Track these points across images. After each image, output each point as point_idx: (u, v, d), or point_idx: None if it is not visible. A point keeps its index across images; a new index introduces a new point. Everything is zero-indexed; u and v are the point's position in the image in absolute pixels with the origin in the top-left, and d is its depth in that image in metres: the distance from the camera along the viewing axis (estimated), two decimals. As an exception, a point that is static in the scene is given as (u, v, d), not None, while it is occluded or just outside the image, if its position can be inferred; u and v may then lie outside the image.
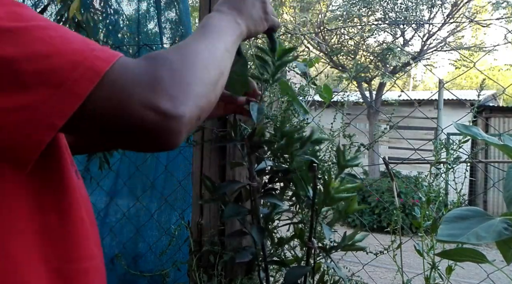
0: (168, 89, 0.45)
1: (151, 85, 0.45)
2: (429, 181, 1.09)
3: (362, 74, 9.09)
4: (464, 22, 8.87)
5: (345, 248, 0.99)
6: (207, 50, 0.55)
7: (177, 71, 0.48)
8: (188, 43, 0.56)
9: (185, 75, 0.49)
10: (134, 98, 0.44)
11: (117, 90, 0.44)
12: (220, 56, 0.57)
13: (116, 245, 1.70)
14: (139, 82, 0.45)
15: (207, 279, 1.16)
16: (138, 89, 0.44)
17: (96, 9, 1.77)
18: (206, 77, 0.52)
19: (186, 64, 0.50)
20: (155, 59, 0.48)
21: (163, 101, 0.44)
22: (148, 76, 0.45)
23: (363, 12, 9.11)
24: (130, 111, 0.44)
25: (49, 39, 0.43)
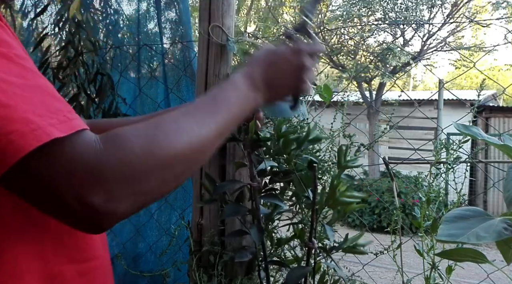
0: (107, 185, 0.42)
1: (91, 178, 0.42)
2: (429, 181, 1.09)
3: (362, 74, 9.09)
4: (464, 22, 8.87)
5: (345, 249, 0.99)
6: (188, 136, 0.49)
7: (130, 165, 0.44)
8: (170, 122, 0.49)
9: (138, 170, 0.44)
10: (68, 185, 0.42)
11: (58, 166, 0.42)
12: (201, 146, 0.51)
13: (116, 245, 1.70)
14: (80, 171, 0.42)
15: (207, 279, 1.16)
16: (75, 179, 0.42)
17: (96, 9, 1.77)
18: (166, 173, 0.47)
19: (145, 157, 0.45)
20: (114, 143, 0.44)
21: (95, 198, 0.42)
22: (93, 167, 0.42)
23: (363, 12, 9.10)
24: (61, 195, 0.42)
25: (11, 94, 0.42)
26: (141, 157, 0.45)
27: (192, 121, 0.52)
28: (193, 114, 0.53)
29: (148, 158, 0.45)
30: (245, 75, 0.64)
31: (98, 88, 1.66)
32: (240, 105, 0.60)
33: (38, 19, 1.81)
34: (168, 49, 1.65)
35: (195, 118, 0.52)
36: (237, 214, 1.01)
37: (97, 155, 0.43)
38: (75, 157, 0.42)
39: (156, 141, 0.46)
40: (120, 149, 0.44)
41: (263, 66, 0.66)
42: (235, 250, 1.15)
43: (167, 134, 0.48)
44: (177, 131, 0.49)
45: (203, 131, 0.52)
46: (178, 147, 0.48)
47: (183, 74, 1.56)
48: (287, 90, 0.71)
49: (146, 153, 0.45)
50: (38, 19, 1.81)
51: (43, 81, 0.46)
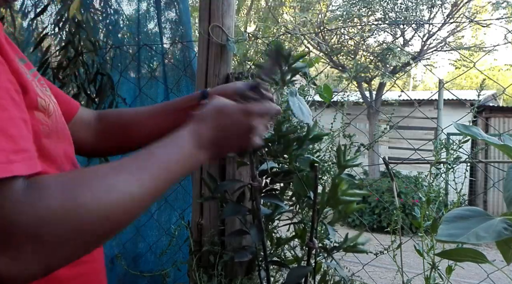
0: (16, 245, 0.38)
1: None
2: (429, 181, 1.09)
3: (362, 74, 9.09)
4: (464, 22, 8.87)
5: (346, 249, 0.99)
6: (118, 195, 0.45)
7: (46, 224, 0.39)
8: (101, 178, 0.46)
9: (54, 231, 0.40)
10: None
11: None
12: (131, 206, 0.47)
13: (116, 245, 1.70)
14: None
15: (207, 279, 1.16)
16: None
17: (96, 9, 1.77)
18: (87, 235, 0.43)
19: (65, 217, 0.41)
20: (35, 196, 0.40)
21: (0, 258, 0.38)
22: (3, 223, 0.38)
23: (363, 12, 9.10)
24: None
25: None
26: (60, 216, 0.40)
27: (125, 178, 0.47)
28: (129, 170, 0.49)
29: (68, 218, 0.41)
30: (190, 133, 0.61)
31: (98, 88, 1.66)
32: (182, 163, 0.57)
33: (38, 19, 1.81)
34: (168, 49, 1.65)
35: (129, 175, 0.48)
36: (238, 213, 1.01)
37: (13, 209, 0.39)
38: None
39: (81, 199, 0.42)
40: (38, 205, 0.40)
41: (210, 125, 0.63)
42: (235, 250, 1.15)
43: (94, 192, 0.43)
44: (107, 188, 0.45)
45: (135, 189, 0.47)
46: (104, 208, 0.43)
47: (183, 74, 1.56)
48: (233, 150, 0.69)
49: (67, 213, 0.41)
50: (38, 19, 1.81)
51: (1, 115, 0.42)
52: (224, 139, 0.65)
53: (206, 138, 0.62)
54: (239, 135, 0.66)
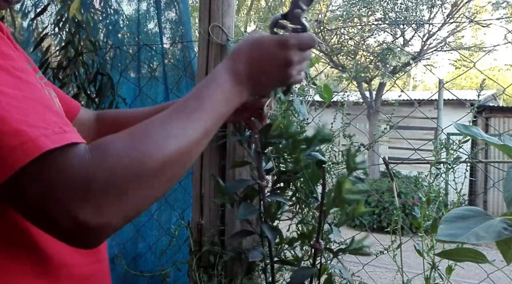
0: (96, 199, 0.42)
1: (79, 192, 0.41)
2: (429, 181, 1.09)
3: (362, 74, 9.09)
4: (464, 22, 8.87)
5: (352, 251, 0.99)
6: (176, 141, 0.48)
7: (118, 176, 0.43)
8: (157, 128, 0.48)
9: (126, 181, 0.43)
10: (56, 200, 0.41)
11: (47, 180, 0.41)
12: (188, 148, 0.50)
13: (116, 245, 1.70)
14: (69, 185, 0.41)
15: (207, 279, 1.16)
16: (63, 193, 0.41)
17: (96, 9, 1.77)
18: (155, 181, 0.46)
19: (133, 166, 0.44)
20: (101, 154, 0.43)
21: (83, 212, 0.41)
22: (81, 181, 0.41)
23: (363, 12, 9.11)
24: (49, 210, 0.41)
25: (5, 105, 0.41)
26: (128, 167, 0.43)
27: (178, 124, 0.50)
28: (179, 116, 0.52)
29: (136, 168, 0.44)
30: (228, 70, 0.60)
31: (98, 88, 1.66)
32: (226, 102, 0.58)
33: (38, 19, 1.81)
34: (168, 49, 1.65)
35: (181, 120, 0.51)
36: (251, 214, 1.00)
37: (86, 168, 0.42)
38: (66, 170, 0.41)
39: (144, 149, 0.45)
40: (107, 160, 0.43)
41: (247, 60, 0.62)
42: (238, 249, 1.15)
43: (154, 141, 0.46)
44: (164, 136, 0.48)
45: (190, 134, 0.50)
46: (166, 153, 0.47)
47: (183, 74, 1.56)
48: (274, 85, 0.68)
49: (134, 163, 0.44)
50: (38, 19, 1.81)
51: (41, 94, 0.46)
52: (262, 74, 0.62)
53: (244, 73, 0.60)
54: (277, 70, 0.63)
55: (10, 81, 0.43)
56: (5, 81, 0.43)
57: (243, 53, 0.62)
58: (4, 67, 0.44)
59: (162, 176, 0.47)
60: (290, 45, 0.62)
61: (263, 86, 0.64)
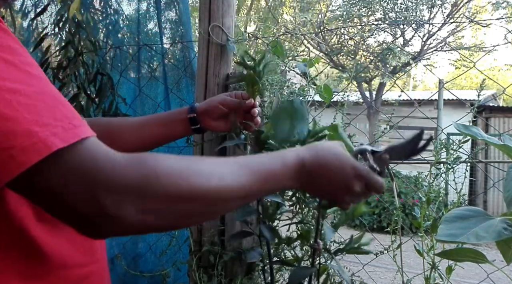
0: (119, 192, 0.43)
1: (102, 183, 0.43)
2: (429, 181, 1.09)
3: (362, 74, 9.10)
4: (464, 22, 8.87)
5: (350, 251, 0.99)
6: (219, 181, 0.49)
7: (147, 182, 0.44)
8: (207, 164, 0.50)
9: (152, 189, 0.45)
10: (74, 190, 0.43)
11: (61, 175, 0.43)
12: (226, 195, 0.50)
13: (116, 245, 1.70)
14: (90, 175, 0.43)
15: (207, 279, 1.16)
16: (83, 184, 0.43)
17: (96, 9, 1.77)
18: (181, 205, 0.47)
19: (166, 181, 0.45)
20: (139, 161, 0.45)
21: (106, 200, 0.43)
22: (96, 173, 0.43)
23: (363, 12, 9.11)
24: (65, 201, 0.43)
25: (15, 104, 0.42)
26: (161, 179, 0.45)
27: (228, 171, 0.51)
28: (232, 167, 0.52)
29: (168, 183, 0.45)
30: (299, 161, 0.59)
31: (98, 88, 1.66)
32: (278, 178, 0.57)
33: (38, 19, 1.81)
34: (168, 49, 1.65)
35: (232, 170, 0.52)
36: (249, 214, 1.01)
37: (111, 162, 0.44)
38: (83, 164, 0.43)
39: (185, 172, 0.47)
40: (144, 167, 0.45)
41: (318, 161, 0.61)
42: (238, 249, 1.15)
43: (197, 171, 0.48)
44: (209, 173, 0.49)
45: (234, 184, 0.51)
46: (203, 186, 0.47)
47: (183, 74, 1.56)
48: (322, 196, 0.69)
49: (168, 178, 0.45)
50: (38, 19, 1.81)
51: (50, 88, 0.46)
52: (322, 181, 0.62)
53: (308, 170, 0.60)
54: (337, 186, 0.63)
55: (19, 76, 0.44)
56: (15, 76, 0.44)
57: (321, 153, 0.62)
58: (13, 62, 0.44)
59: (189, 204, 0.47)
60: (363, 177, 0.63)
61: (312, 189, 0.64)
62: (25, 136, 0.41)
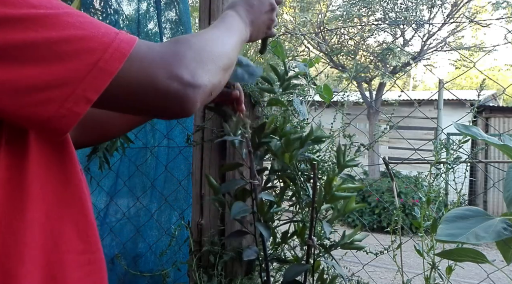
0: (189, 65, 0.53)
1: (175, 60, 0.52)
2: (429, 181, 1.09)
3: (362, 74, 9.09)
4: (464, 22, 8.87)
5: (344, 246, 1.00)
6: (221, 41, 0.64)
7: (197, 51, 0.56)
8: (208, 31, 0.65)
9: (203, 56, 0.56)
10: (160, 71, 0.51)
11: (144, 65, 0.51)
12: (230, 50, 0.65)
13: (116, 245, 1.70)
14: (164, 58, 0.52)
15: (207, 279, 1.16)
16: (163, 64, 0.51)
17: (96, 9, 1.77)
18: (219, 61, 0.60)
19: (204, 47, 0.58)
20: (178, 40, 0.56)
21: (185, 74, 0.52)
22: (172, 53, 0.53)
23: (363, 12, 9.11)
24: (157, 81, 0.51)
25: (80, 24, 0.48)
26: (203, 48, 0.57)
27: (222, 36, 0.66)
28: (221, 32, 0.67)
29: (208, 50, 0.58)
30: (236, 13, 0.74)
31: (98, 88, 1.66)
32: (241, 34, 0.72)
33: (38, 19, 1.81)
34: (168, 49, 1.64)
35: (223, 35, 0.67)
36: (245, 212, 1.01)
37: (171, 48, 0.54)
38: (161, 48, 0.53)
39: (209, 42, 0.60)
40: (185, 43, 0.56)
41: (245, 7, 0.77)
42: (238, 249, 1.15)
43: (214, 40, 0.62)
44: (218, 39, 0.63)
45: (229, 41, 0.66)
46: (222, 48, 0.62)
47: (183, 74, 1.56)
48: (263, 28, 0.82)
49: (205, 46, 0.58)
50: (38, 19, 1.80)
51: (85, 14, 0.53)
52: (257, 18, 0.78)
53: (244, 15, 0.75)
54: (266, 13, 0.80)
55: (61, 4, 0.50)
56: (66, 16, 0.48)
57: (240, 2, 0.77)
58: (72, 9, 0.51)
59: (223, 60, 0.61)
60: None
61: (257, 29, 0.79)
62: (103, 50, 0.47)
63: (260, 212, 1.02)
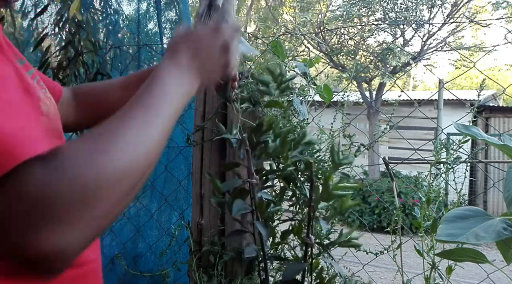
0: (56, 216, 0.38)
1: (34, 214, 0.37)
2: (429, 181, 1.09)
3: (362, 74, 9.09)
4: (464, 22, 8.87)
5: (341, 244, 1.00)
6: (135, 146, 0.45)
7: (77, 189, 0.39)
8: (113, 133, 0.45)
9: (86, 194, 0.40)
10: (12, 225, 0.38)
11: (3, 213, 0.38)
12: (148, 152, 0.47)
13: (116, 245, 1.70)
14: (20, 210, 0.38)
15: (207, 279, 1.16)
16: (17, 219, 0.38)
17: (96, 9, 1.77)
18: (116, 191, 0.43)
19: (92, 177, 0.40)
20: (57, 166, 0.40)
21: (44, 235, 0.38)
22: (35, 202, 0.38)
23: (363, 12, 9.11)
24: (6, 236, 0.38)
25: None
26: (88, 177, 0.40)
27: (135, 126, 0.47)
28: (135, 116, 0.48)
29: (95, 178, 0.40)
30: (174, 64, 0.59)
31: (98, 88, 1.66)
32: (180, 95, 0.56)
33: (38, 19, 1.81)
34: (168, 49, 1.65)
35: (138, 121, 0.48)
36: (245, 210, 1.01)
37: (40, 185, 0.38)
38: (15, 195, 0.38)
39: (101, 158, 0.42)
40: (63, 172, 0.39)
41: (188, 51, 0.61)
42: (238, 249, 1.15)
43: (111, 149, 0.43)
44: (122, 145, 0.44)
45: (148, 136, 0.47)
46: (124, 161, 0.43)
47: (183, 74, 1.56)
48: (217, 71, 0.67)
49: (92, 173, 0.40)
50: (38, 19, 1.81)
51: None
52: (207, 62, 0.62)
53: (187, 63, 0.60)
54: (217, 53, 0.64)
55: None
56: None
57: (181, 45, 0.62)
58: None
59: (122, 185, 0.43)
60: (223, 29, 0.65)
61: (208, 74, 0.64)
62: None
63: (259, 211, 1.02)
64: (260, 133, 1.01)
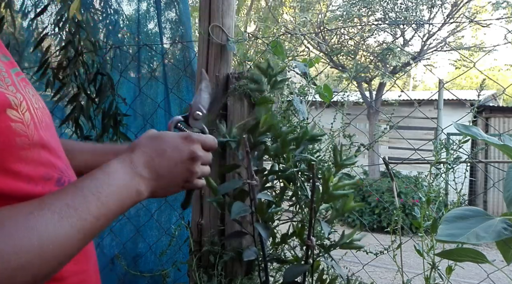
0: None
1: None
2: (429, 181, 1.09)
3: (362, 74, 9.09)
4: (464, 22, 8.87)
5: (343, 246, 1.00)
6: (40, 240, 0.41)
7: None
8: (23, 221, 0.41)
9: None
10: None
11: None
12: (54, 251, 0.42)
13: (116, 245, 1.70)
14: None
15: (207, 279, 1.16)
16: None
17: (96, 9, 1.77)
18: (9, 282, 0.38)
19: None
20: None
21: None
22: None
23: (363, 12, 9.11)
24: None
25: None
26: None
27: (50, 219, 0.42)
28: (53, 209, 0.43)
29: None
30: (124, 163, 0.54)
31: (98, 88, 1.66)
32: (118, 197, 0.51)
33: (38, 19, 1.81)
34: (168, 49, 1.65)
35: (54, 216, 0.43)
36: (245, 212, 1.01)
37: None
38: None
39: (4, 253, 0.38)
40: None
41: (149, 153, 0.56)
42: (238, 249, 1.15)
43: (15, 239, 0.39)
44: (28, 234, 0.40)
45: (61, 233, 0.43)
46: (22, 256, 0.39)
47: (183, 74, 1.56)
48: (178, 182, 0.60)
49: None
50: (38, 19, 1.81)
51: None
52: (168, 169, 0.57)
53: (145, 168, 0.55)
54: (182, 164, 0.59)
55: None
56: None
57: (143, 145, 0.57)
58: None
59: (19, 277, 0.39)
60: (194, 139, 0.60)
61: (167, 183, 0.58)
62: None
63: (258, 212, 1.02)
64: (258, 133, 1.01)
